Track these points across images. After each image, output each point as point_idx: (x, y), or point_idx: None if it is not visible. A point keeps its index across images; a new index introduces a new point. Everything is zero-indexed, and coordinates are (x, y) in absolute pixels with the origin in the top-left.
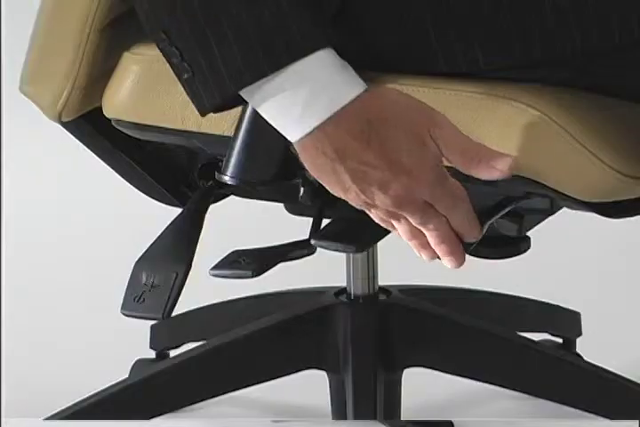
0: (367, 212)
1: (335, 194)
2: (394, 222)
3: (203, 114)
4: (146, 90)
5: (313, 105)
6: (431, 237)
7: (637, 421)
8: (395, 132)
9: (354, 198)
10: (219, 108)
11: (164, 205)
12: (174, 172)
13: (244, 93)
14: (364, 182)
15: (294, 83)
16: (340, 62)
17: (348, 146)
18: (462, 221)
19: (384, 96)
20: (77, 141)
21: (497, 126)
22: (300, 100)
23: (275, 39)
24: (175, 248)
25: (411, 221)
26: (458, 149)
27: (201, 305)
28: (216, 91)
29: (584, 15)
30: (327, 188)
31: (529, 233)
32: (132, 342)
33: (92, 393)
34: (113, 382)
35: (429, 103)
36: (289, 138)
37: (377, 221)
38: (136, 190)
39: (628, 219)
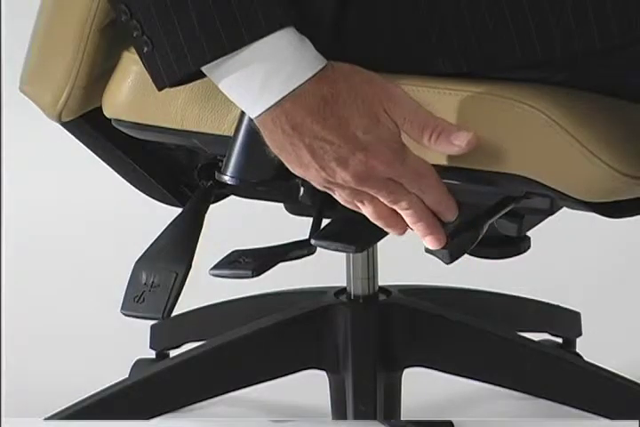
0: (332, 194)
1: (296, 173)
2: (358, 204)
3: (160, 89)
4: (146, 90)
5: (271, 82)
6: (407, 217)
7: (637, 421)
8: (350, 108)
9: (314, 176)
10: (176, 84)
11: (164, 205)
12: (174, 172)
13: (204, 69)
14: (323, 159)
15: (253, 60)
16: (300, 40)
17: (305, 122)
18: (434, 198)
19: (340, 73)
20: (77, 141)
21: (497, 126)
22: (259, 77)
23: (237, 16)
24: (175, 248)
25: (382, 200)
26: (416, 125)
27: (201, 305)
28: (177, 67)
29: (584, 15)
30: (288, 166)
31: (529, 233)
32: (132, 342)
33: (91, 393)
34: (113, 382)
35: (429, 103)
36: (249, 114)
37: (342, 202)
38: (136, 190)
39: (628, 219)
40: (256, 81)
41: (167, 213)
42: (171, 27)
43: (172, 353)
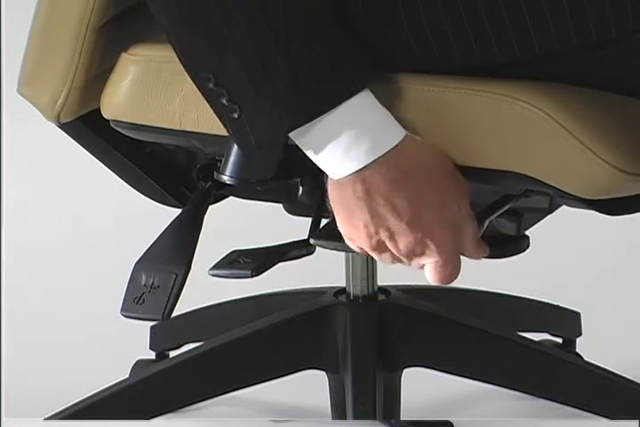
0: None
1: (345, 230)
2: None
3: (248, 153)
4: (144, 90)
5: (355, 149)
6: None
7: (637, 421)
8: (426, 185)
9: (364, 238)
10: (264, 147)
11: (163, 206)
12: (173, 172)
13: (292, 134)
14: (381, 226)
15: (342, 124)
16: (379, 104)
17: (380, 190)
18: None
19: (421, 149)
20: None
21: (495, 124)
22: (343, 143)
23: (329, 77)
24: (175, 249)
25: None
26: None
27: (201, 305)
28: (269, 130)
29: (580, 10)
30: (339, 219)
31: (529, 233)
32: (132, 343)
33: (92, 393)
34: (113, 382)
35: (428, 102)
36: (332, 176)
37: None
38: (135, 191)
39: (629, 219)
40: (340, 146)
41: (167, 214)
42: (263, 91)
43: (172, 354)
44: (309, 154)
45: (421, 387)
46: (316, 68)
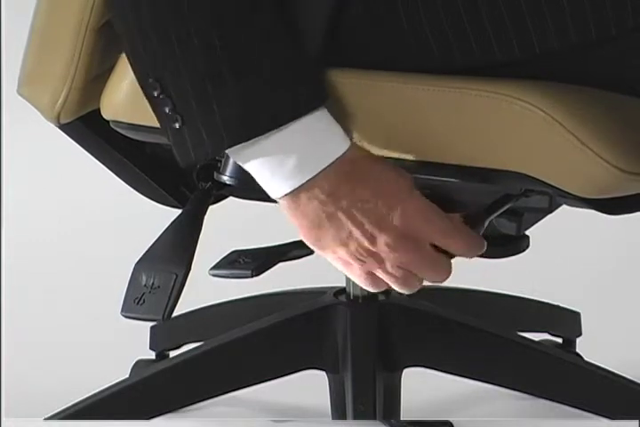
0: (372, 273)
1: (331, 255)
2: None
3: (185, 165)
4: None
5: (305, 162)
6: None
7: (637, 421)
8: (379, 164)
9: (354, 251)
10: (203, 160)
11: (163, 206)
12: (173, 173)
13: (231, 149)
14: (362, 222)
15: (288, 141)
16: (331, 118)
17: (340, 188)
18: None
19: (359, 149)
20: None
21: (495, 123)
22: (292, 158)
23: (277, 96)
24: (175, 249)
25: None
26: None
27: (201, 305)
28: (209, 144)
29: (580, 8)
30: (323, 249)
31: (529, 233)
32: (132, 343)
33: (92, 393)
34: (113, 382)
35: (428, 102)
36: (275, 193)
37: (387, 279)
38: (135, 191)
39: (629, 219)
40: (288, 163)
41: (167, 214)
42: (207, 104)
43: (172, 354)
44: (251, 170)
45: (421, 387)
46: (262, 88)
